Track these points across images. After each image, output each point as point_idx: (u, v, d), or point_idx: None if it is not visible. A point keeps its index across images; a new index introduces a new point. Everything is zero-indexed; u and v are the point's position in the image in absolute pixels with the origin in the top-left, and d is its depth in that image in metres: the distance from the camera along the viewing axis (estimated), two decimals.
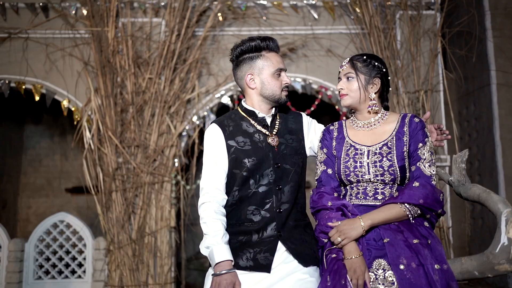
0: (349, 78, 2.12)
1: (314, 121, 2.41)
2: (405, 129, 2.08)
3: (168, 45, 5.01)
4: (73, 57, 5.16)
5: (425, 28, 5.13)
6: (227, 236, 2.09)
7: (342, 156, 2.12)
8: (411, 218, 1.98)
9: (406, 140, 2.06)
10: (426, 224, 2.01)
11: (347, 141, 2.15)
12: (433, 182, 2.00)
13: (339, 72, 2.18)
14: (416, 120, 2.09)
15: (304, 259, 2.09)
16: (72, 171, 7.61)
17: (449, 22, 5.31)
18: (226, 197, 2.18)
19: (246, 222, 2.13)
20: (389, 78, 2.16)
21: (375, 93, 2.11)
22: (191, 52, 5.15)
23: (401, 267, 1.87)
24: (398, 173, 2.02)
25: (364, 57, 2.13)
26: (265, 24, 5.29)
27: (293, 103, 5.27)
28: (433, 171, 2.01)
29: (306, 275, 2.06)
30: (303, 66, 5.25)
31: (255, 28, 5.25)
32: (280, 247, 2.09)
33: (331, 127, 2.25)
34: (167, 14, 5.09)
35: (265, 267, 2.06)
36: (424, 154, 2.03)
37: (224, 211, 2.15)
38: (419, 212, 1.97)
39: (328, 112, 6.23)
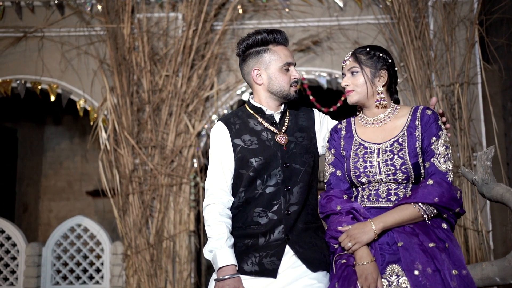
0: (354, 73, 2.10)
1: (327, 117, 2.39)
2: (416, 123, 2.04)
3: (185, 40, 5.06)
4: (89, 55, 5.28)
5: (461, 15, 5.00)
6: (232, 240, 2.10)
7: (351, 156, 2.10)
8: (426, 219, 1.94)
9: (419, 134, 2.02)
10: (444, 225, 1.97)
11: (355, 139, 2.13)
12: (449, 179, 1.95)
13: (342, 68, 2.16)
14: (429, 112, 2.05)
15: (313, 264, 2.08)
16: (93, 173, 7.75)
17: (487, 8, 5.16)
18: (232, 199, 2.19)
19: (252, 225, 2.14)
20: (396, 69, 2.13)
21: (382, 86, 2.09)
22: (209, 48, 5.16)
23: (416, 272, 1.85)
24: (412, 171, 1.99)
25: (368, 49, 2.11)
26: (287, 16, 5.27)
27: (318, 99, 5.25)
28: (449, 166, 1.97)
29: (314, 280, 2.06)
30: (328, 60, 5.20)
31: (276, 20, 5.23)
32: (288, 251, 2.09)
33: (339, 126, 2.23)
34: (184, 8, 5.14)
35: (271, 272, 2.06)
36: (438, 148, 1.99)
37: (229, 213, 2.16)
38: (435, 211, 1.93)
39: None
